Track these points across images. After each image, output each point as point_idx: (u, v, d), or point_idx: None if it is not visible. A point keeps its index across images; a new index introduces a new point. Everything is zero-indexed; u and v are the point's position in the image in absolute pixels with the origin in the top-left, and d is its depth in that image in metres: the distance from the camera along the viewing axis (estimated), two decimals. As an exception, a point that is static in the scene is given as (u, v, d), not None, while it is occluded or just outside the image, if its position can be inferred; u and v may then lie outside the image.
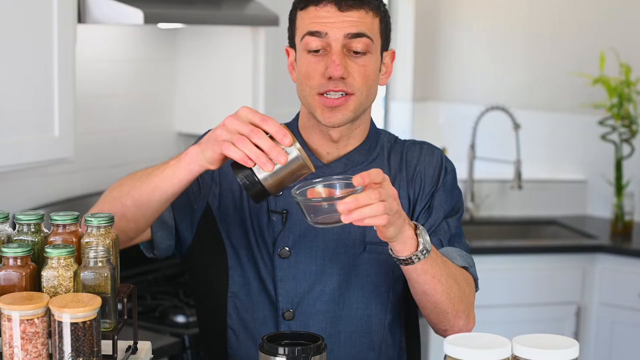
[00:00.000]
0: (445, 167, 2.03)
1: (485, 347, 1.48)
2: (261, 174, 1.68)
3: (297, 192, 1.68)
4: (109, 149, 3.43)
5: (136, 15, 2.77)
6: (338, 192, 1.70)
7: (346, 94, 1.89)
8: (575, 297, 4.12)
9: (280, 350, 1.65)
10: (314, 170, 1.73)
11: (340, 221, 1.64)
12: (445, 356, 1.51)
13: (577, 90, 4.63)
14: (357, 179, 1.63)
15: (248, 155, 1.66)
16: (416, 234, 1.76)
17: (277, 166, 1.67)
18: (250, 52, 3.44)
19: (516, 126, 4.53)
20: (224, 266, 2.01)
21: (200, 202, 2.00)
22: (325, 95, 1.89)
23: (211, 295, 2.04)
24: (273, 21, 3.29)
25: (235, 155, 1.67)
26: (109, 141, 3.44)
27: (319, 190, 1.70)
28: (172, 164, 1.79)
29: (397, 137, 2.09)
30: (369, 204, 1.63)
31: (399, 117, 5.15)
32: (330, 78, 1.87)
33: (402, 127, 5.14)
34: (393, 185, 1.96)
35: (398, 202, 1.69)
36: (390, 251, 1.78)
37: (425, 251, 1.76)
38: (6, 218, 1.69)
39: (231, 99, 3.50)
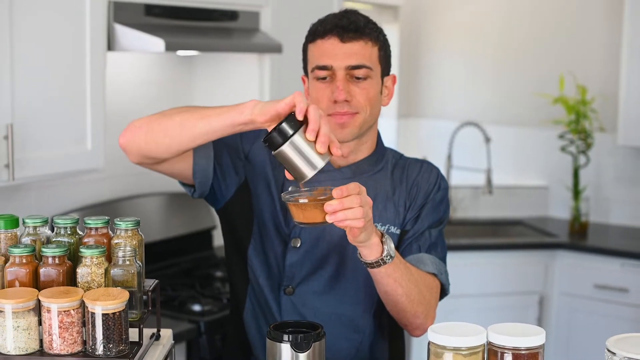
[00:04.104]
0: (439, 185, 2.03)
1: (464, 334, 1.48)
2: (297, 139, 1.59)
3: (287, 195, 1.67)
4: (134, 159, 3.42)
5: (158, 44, 2.76)
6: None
7: (350, 114, 1.89)
8: (538, 287, 4.11)
9: (285, 337, 1.64)
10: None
11: (324, 221, 1.63)
12: (429, 342, 1.50)
13: (540, 108, 4.63)
14: (336, 192, 1.62)
15: (310, 115, 1.59)
16: (382, 242, 1.76)
17: (308, 148, 1.60)
18: (257, 76, 3.44)
19: (487, 139, 4.53)
20: (249, 230, 2.01)
21: (241, 173, 2.00)
22: (334, 115, 1.89)
23: (236, 250, 2.05)
24: (277, 49, 3.28)
25: (303, 105, 1.59)
26: (135, 153, 3.42)
27: (306, 195, 1.69)
28: (229, 106, 1.75)
29: (402, 155, 2.09)
30: (352, 207, 1.62)
31: (385, 132, 5.15)
32: (335, 101, 1.88)
33: (388, 141, 5.13)
34: (393, 196, 1.97)
35: (371, 211, 1.69)
36: (358, 255, 1.79)
37: (388, 257, 1.76)
38: (45, 222, 1.68)
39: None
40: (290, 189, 1.73)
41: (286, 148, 1.60)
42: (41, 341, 1.53)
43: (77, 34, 2.63)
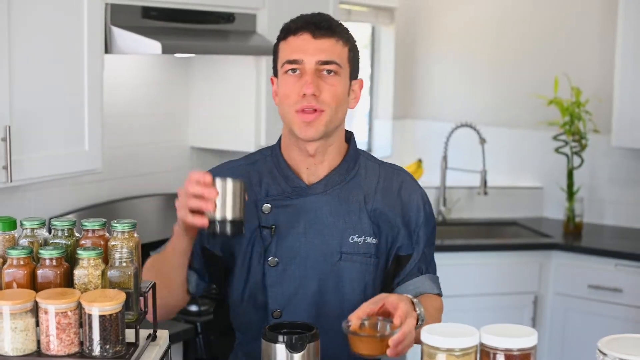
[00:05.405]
0: (424, 197, 2.04)
1: (457, 335, 1.48)
2: (217, 215, 1.73)
3: (348, 324, 1.69)
4: (132, 161, 3.43)
5: (155, 46, 2.77)
6: (378, 326, 1.70)
7: (317, 110, 1.89)
8: (533, 288, 4.12)
9: (280, 338, 1.65)
10: (244, 182, 1.76)
11: (384, 353, 1.67)
12: (422, 344, 1.51)
13: (535, 109, 4.64)
14: (397, 320, 1.68)
15: (192, 208, 1.74)
16: (415, 310, 1.78)
17: (220, 201, 1.73)
18: (254, 78, 3.44)
19: (482, 141, 4.54)
20: (229, 283, 2.02)
21: (198, 250, 2.02)
22: (302, 112, 1.89)
23: (227, 304, 2.07)
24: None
25: (195, 221, 1.76)
26: (132, 154, 3.43)
27: (365, 325, 1.70)
28: (176, 246, 1.87)
29: (375, 159, 2.07)
30: (410, 331, 1.69)
31: (381, 133, 5.16)
32: (304, 95, 1.88)
33: (384, 142, 5.14)
34: (366, 205, 1.97)
35: (413, 315, 1.73)
36: None
37: (422, 320, 1.79)
38: (43, 224, 1.69)
39: (237, 117, 3.50)
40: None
41: (232, 217, 1.76)
42: (38, 342, 1.54)
43: (74, 37, 2.64)
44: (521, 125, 4.77)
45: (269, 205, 1.96)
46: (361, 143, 5.15)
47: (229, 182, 1.73)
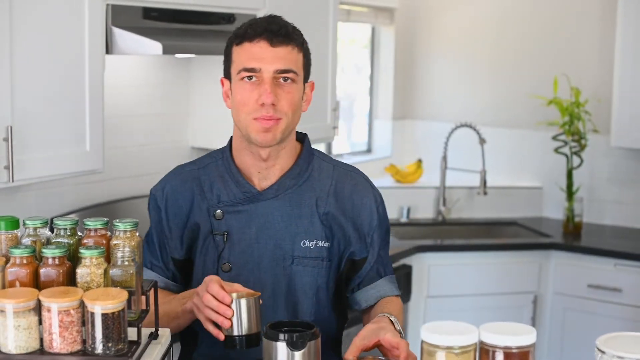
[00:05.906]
0: (377, 199, 2.04)
1: (456, 333, 1.50)
2: (234, 331, 1.75)
3: None
4: (132, 161, 3.43)
5: (156, 47, 2.78)
6: None
7: (275, 119, 1.90)
8: (533, 287, 4.13)
9: (281, 336, 1.66)
10: (259, 294, 1.78)
11: None
12: (422, 341, 1.52)
13: (535, 110, 4.65)
14: None
15: (210, 318, 1.76)
16: (396, 329, 1.83)
17: (236, 319, 1.74)
18: (254, 78, 3.45)
19: (482, 141, 4.55)
20: (189, 287, 2.03)
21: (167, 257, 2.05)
22: (260, 118, 1.90)
23: None
24: (273, 51, 3.29)
25: (212, 333, 1.78)
26: (133, 154, 3.44)
27: None
28: (186, 309, 1.88)
29: (330, 159, 2.08)
30: None
31: (381, 133, 5.17)
32: (262, 104, 1.88)
33: (384, 142, 5.15)
34: (319, 208, 1.98)
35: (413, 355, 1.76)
36: None
37: (401, 335, 1.83)
38: (45, 223, 1.70)
39: (237, 118, 3.51)
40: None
41: (248, 331, 1.77)
42: (41, 340, 1.55)
43: (75, 37, 2.65)
44: (521, 125, 4.78)
45: (220, 211, 1.97)
46: (361, 144, 5.16)
47: (243, 302, 1.74)
